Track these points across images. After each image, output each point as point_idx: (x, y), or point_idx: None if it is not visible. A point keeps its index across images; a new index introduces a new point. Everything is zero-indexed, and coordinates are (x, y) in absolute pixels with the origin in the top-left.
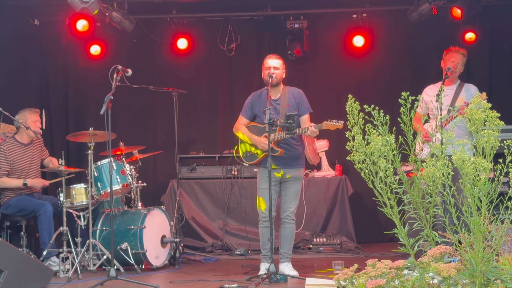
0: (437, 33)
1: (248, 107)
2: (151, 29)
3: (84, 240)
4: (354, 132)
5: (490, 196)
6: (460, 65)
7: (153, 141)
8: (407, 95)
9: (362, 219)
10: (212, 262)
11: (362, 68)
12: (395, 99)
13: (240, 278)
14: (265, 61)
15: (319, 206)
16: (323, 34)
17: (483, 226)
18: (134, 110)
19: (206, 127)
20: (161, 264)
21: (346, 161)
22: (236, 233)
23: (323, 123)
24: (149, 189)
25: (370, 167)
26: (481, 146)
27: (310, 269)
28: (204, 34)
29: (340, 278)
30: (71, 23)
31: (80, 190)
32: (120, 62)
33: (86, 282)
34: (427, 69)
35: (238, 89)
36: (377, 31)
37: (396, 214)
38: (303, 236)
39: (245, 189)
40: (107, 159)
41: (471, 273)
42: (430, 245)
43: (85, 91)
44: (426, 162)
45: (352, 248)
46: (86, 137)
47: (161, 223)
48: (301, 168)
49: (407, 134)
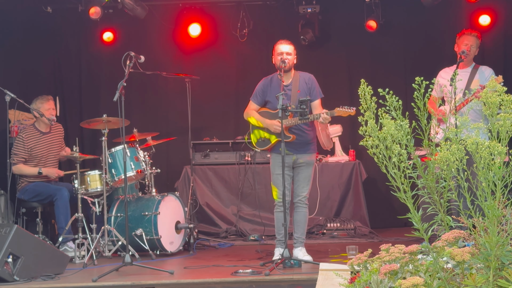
0: (451, 16)
1: (259, 92)
2: (163, 15)
3: (99, 227)
4: (366, 117)
5: (504, 180)
6: (474, 47)
7: (166, 128)
8: (421, 79)
9: (376, 204)
10: (226, 248)
11: (375, 53)
12: (408, 84)
13: (254, 263)
14: (276, 47)
15: (332, 191)
16: (335, 18)
17: (498, 210)
18: (147, 97)
19: (219, 113)
20: (175, 250)
21: (359, 146)
22: (250, 218)
23: (335, 109)
24: (163, 175)
25: (383, 152)
26: (496, 130)
27: (324, 254)
28: (216, 19)
29: (354, 263)
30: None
31: (94, 176)
32: (132, 49)
33: (102, 268)
34: (441, 53)
35: (251, 74)
36: (390, 15)
37: (410, 199)
38: (317, 221)
39: (258, 175)
40: (121, 146)
41: (485, 257)
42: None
43: (98, 78)
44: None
45: (366, 233)
46: (100, 124)
47: (175, 209)
48: (313, 153)
49: (421, 119)
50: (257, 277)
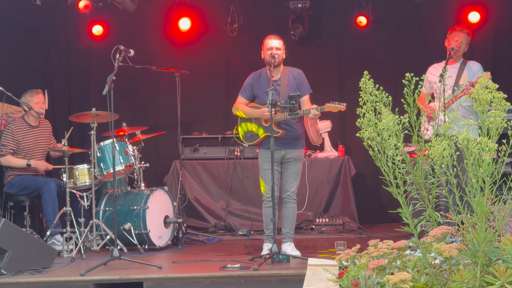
0: (441, 12)
1: (247, 87)
2: (153, 9)
3: (87, 221)
4: (365, 109)
5: (493, 176)
6: (464, 44)
7: (155, 122)
8: (411, 76)
9: (365, 199)
10: (215, 243)
11: (365, 48)
12: (398, 80)
13: (243, 258)
14: (265, 42)
15: (321, 186)
16: (326, 14)
17: (486, 207)
18: (136, 91)
19: (208, 107)
20: (164, 244)
21: (348, 142)
22: (239, 213)
23: (325, 105)
24: (152, 170)
25: (379, 145)
26: (487, 127)
27: (313, 249)
28: (206, 14)
29: (342, 259)
30: (73, 3)
31: (83, 170)
32: (122, 43)
33: (90, 262)
34: (431, 49)
35: (240, 69)
36: (380, 11)
37: (402, 194)
38: (305, 217)
39: (247, 170)
40: (110, 140)
41: (473, 253)
42: (432, 225)
43: (87, 71)
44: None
45: (355, 228)
46: (88, 117)
47: (164, 203)
48: (301, 149)
49: (410, 115)
50: (246, 272)
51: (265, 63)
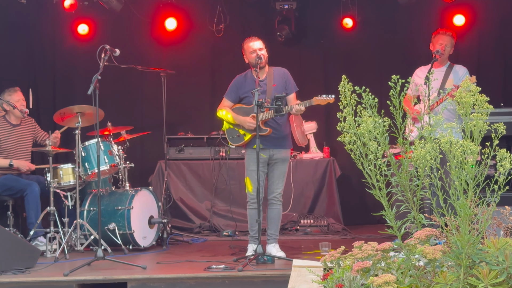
0: (426, 15)
1: (233, 89)
2: (139, 8)
3: (71, 220)
4: (345, 113)
5: (477, 179)
6: (449, 47)
7: (141, 122)
8: (397, 78)
9: (350, 201)
10: (200, 243)
11: (351, 50)
12: (384, 81)
13: (228, 259)
14: (247, 45)
15: (306, 187)
16: (312, 15)
17: (470, 209)
18: (122, 90)
19: (194, 108)
20: (148, 244)
21: (334, 143)
22: (224, 214)
23: (313, 98)
24: (137, 170)
25: (360, 149)
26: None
27: (297, 250)
28: (193, 14)
29: (326, 260)
30: (59, 2)
31: (67, 170)
32: (108, 42)
33: (73, 262)
34: (417, 51)
35: (226, 69)
36: (366, 13)
37: (385, 196)
38: (290, 218)
39: (233, 170)
40: (94, 139)
41: (456, 255)
42: (417, 227)
43: (72, 70)
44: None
45: (339, 229)
46: (73, 117)
47: (148, 203)
48: (288, 149)
49: (396, 117)
50: (230, 273)
51: (250, 67)
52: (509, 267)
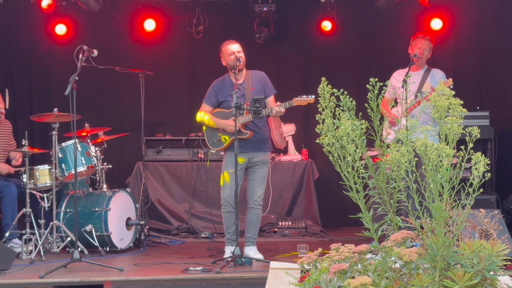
0: (405, 19)
1: (211, 94)
2: (118, 9)
3: (47, 222)
4: (324, 115)
5: (452, 182)
6: (427, 51)
7: (119, 123)
8: (375, 81)
9: (328, 203)
10: (178, 245)
11: (329, 53)
12: (362, 84)
13: (205, 261)
14: (225, 48)
15: (285, 190)
16: (291, 18)
17: (445, 212)
18: (100, 91)
19: (173, 109)
20: (126, 246)
21: (312, 145)
22: (202, 216)
23: (293, 99)
24: (115, 171)
25: (339, 151)
26: (444, 133)
27: (275, 252)
28: (171, 15)
29: (304, 262)
30: (36, 2)
31: (44, 171)
32: (86, 43)
33: (49, 264)
34: (395, 54)
35: (205, 71)
36: (345, 16)
37: (362, 199)
38: (268, 220)
39: (211, 172)
40: (71, 140)
41: (432, 257)
42: (393, 229)
43: (50, 71)
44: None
45: (317, 231)
46: (50, 117)
47: (126, 205)
48: (268, 152)
49: (373, 120)
50: (208, 275)
51: (228, 69)
52: (484, 269)
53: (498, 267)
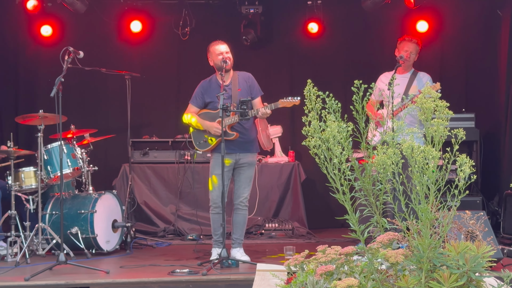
0: (391, 21)
1: (198, 95)
2: (104, 10)
3: (33, 224)
4: (310, 117)
5: (438, 184)
6: (413, 54)
7: (105, 125)
8: (360, 83)
9: (314, 205)
10: (164, 247)
11: (316, 55)
12: (348, 86)
13: (192, 263)
14: (213, 48)
15: (271, 191)
16: (278, 20)
17: (431, 214)
18: (86, 93)
19: (159, 111)
20: (112, 248)
21: (299, 147)
22: (189, 218)
23: (279, 101)
24: (101, 173)
25: (325, 153)
26: (431, 135)
27: (262, 254)
28: (158, 17)
29: (290, 264)
30: (21, 3)
31: (29, 173)
32: (72, 44)
33: (35, 266)
34: (381, 57)
35: (192, 73)
36: (332, 18)
37: (348, 201)
38: (255, 222)
39: (198, 174)
40: (57, 142)
41: (418, 259)
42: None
43: (35, 72)
44: (377, 149)
45: (304, 233)
46: (36, 119)
47: (112, 207)
48: (255, 153)
49: (359, 122)
50: (194, 277)
51: (215, 70)
52: (469, 270)
53: (483, 269)
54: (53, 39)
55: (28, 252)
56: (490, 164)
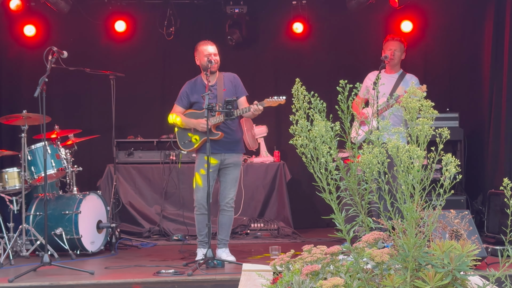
0: (375, 21)
1: (183, 95)
2: (88, 10)
3: (16, 225)
4: (298, 116)
5: (423, 183)
6: (398, 51)
7: (89, 125)
8: (345, 83)
9: (300, 204)
10: (149, 248)
11: (301, 55)
12: (333, 86)
13: (177, 263)
14: (201, 48)
15: (257, 191)
16: (263, 20)
17: (416, 213)
18: (70, 93)
19: (144, 111)
20: (96, 249)
21: (284, 147)
22: (174, 218)
23: (264, 100)
24: (85, 174)
25: (312, 152)
26: (416, 134)
27: (247, 254)
28: (142, 17)
29: (276, 264)
30: (4, 2)
31: (12, 174)
32: (56, 44)
33: (19, 268)
34: (366, 56)
35: (177, 73)
36: (316, 18)
37: (335, 200)
38: (240, 222)
39: (183, 174)
40: (41, 143)
41: (403, 258)
42: (365, 231)
43: (19, 72)
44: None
45: (289, 233)
46: (19, 119)
47: (97, 208)
48: (240, 154)
49: (344, 122)
50: (180, 278)
51: (201, 70)
52: (454, 269)
53: (468, 267)
54: (36, 39)
55: (12, 253)
56: (474, 163)
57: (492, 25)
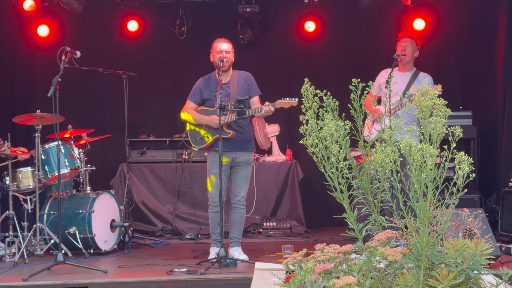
0: (388, 19)
1: (196, 91)
2: (100, 10)
3: (31, 225)
4: (308, 116)
5: (436, 182)
6: (410, 47)
7: (102, 124)
8: (358, 81)
9: (312, 203)
10: (162, 247)
11: (313, 54)
12: (345, 84)
13: (190, 262)
14: (215, 45)
15: (269, 190)
16: (275, 18)
17: (429, 211)
18: (83, 93)
19: (156, 110)
20: (110, 248)
21: (296, 146)
22: (186, 217)
23: (276, 101)
24: (98, 173)
25: (322, 152)
26: (428, 133)
27: (260, 253)
28: (155, 16)
29: (289, 263)
30: (17, 3)
31: (27, 173)
32: (69, 44)
33: (33, 266)
34: (378, 55)
35: (189, 72)
36: (328, 17)
37: (346, 199)
38: (253, 221)
39: (195, 173)
40: (55, 142)
41: (416, 257)
42: (378, 229)
43: (32, 72)
44: (375, 147)
45: (302, 232)
46: (33, 119)
47: (110, 207)
48: (251, 152)
49: (357, 120)
50: (193, 276)
51: (214, 66)
52: (468, 268)
53: (482, 266)
54: (50, 39)
55: (26, 252)
56: (488, 161)
57: (506, 23)
